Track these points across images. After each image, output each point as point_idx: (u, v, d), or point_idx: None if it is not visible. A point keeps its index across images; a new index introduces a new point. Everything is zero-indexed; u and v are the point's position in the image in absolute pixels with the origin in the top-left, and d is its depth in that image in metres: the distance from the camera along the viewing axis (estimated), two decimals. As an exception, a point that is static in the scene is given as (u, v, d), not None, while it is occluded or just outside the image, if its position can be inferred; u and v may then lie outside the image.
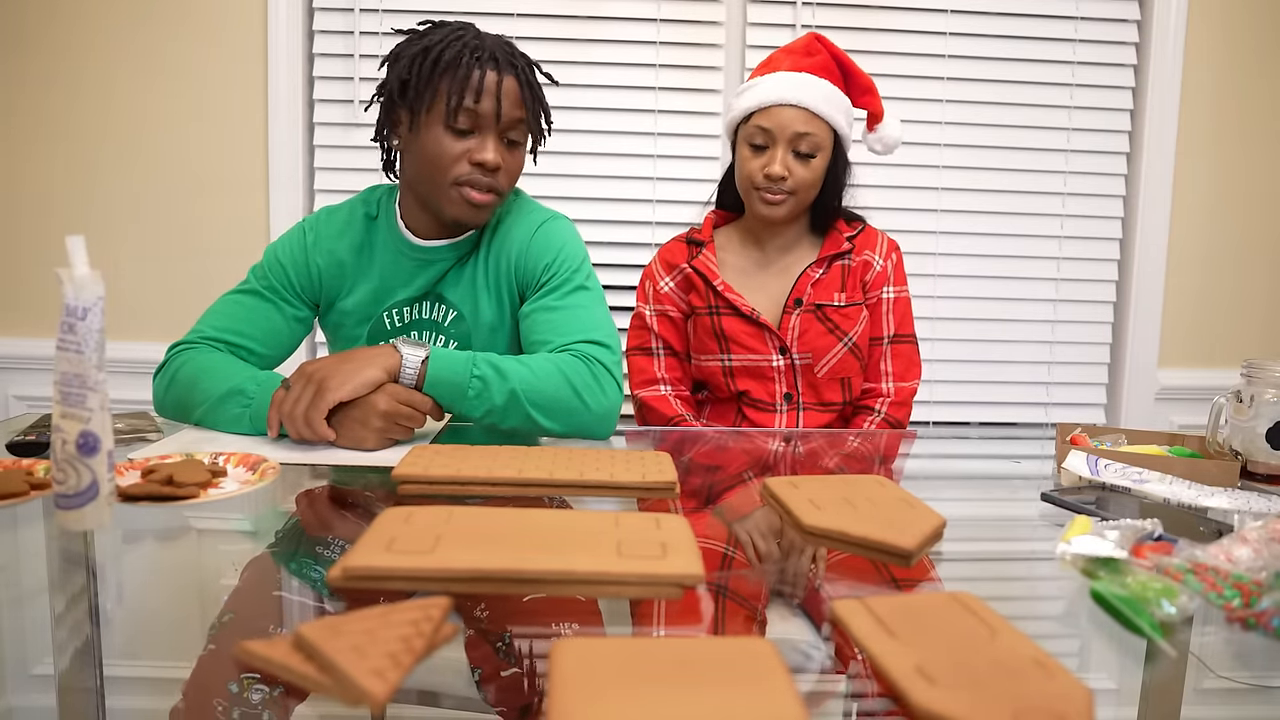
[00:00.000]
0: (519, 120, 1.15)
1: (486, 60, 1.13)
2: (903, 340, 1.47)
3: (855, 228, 1.47)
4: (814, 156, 1.36)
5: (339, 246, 1.24)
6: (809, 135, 1.34)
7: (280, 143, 1.99)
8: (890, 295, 1.46)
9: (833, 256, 1.44)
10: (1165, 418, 2.17)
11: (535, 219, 1.26)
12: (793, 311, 1.42)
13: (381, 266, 1.24)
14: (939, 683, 0.49)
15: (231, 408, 1.06)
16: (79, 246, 0.68)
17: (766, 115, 1.35)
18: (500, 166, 1.15)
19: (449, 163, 1.14)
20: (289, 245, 1.26)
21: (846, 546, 0.76)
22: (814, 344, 1.42)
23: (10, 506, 0.79)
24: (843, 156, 1.41)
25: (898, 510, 0.80)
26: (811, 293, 1.42)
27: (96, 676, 0.63)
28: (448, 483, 0.86)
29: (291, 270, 1.24)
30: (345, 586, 0.63)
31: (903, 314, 1.47)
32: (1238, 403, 1.01)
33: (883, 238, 1.48)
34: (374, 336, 1.26)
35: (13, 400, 2.01)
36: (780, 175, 1.34)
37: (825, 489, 0.86)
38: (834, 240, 1.45)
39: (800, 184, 1.36)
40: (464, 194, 1.15)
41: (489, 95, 1.12)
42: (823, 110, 1.35)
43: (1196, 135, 2.13)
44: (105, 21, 1.95)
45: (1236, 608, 0.64)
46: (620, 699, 0.46)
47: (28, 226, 2.00)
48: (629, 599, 0.82)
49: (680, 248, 1.50)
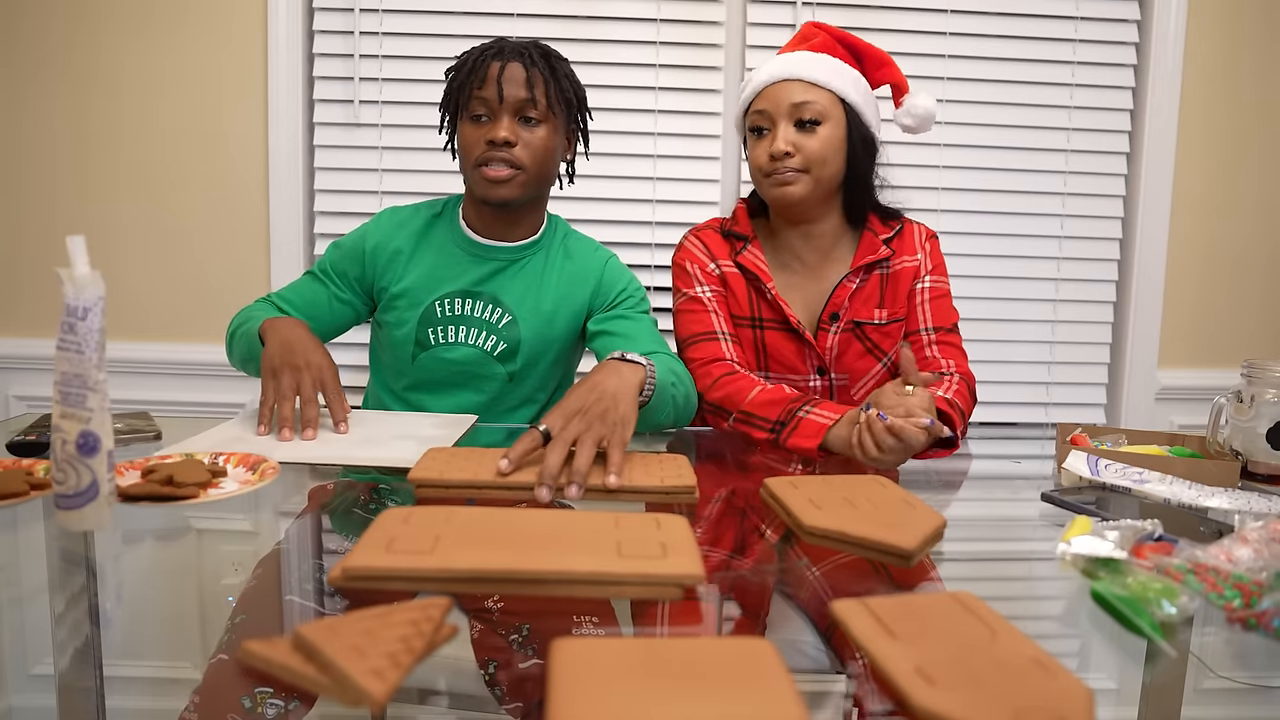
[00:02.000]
0: (525, 100, 1.22)
1: (495, 54, 1.24)
2: (946, 332, 1.32)
3: (892, 227, 1.33)
4: (819, 124, 1.23)
5: (398, 235, 1.33)
6: (808, 103, 1.23)
7: (280, 143, 1.99)
8: (926, 285, 1.32)
9: (870, 265, 1.31)
10: (1165, 418, 2.17)
11: (603, 251, 1.39)
12: (829, 328, 1.31)
13: (435, 255, 1.31)
14: (939, 683, 0.49)
15: (249, 333, 1.20)
16: (79, 246, 0.68)
17: (763, 97, 1.26)
18: (514, 141, 1.22)
19: (470, 147, 1.24)
20: (350, 235, 1.35)
21: (847, 546, 0.76)
22: (852, 365, 1.32)
23: (10, 506, 0.79)
24: (861, 132, 1.27)
25: (898, 510, 0.80)
26: (849, 307, 1.30)
27: (96, 676, 0.63)
28: (465, 486, 0.85)
29: (348, 260, 1.33)
30: (345, 586, 0.63)
31: (941, 307, 1.33)
32: (1238, 403, 1.01)
33: (919, 231, 1.35)
34: (425, 323, 1.30)
35: (13, 400, 2.01)
36: (784, 150, 1.22)
37: (826, 489, 0.86)
38: (869, 244, 1.32)
39: (810, 157, 1.23)
40: (482, 173, 1.23)
41: (492, 81, 1.21)
42: (821, 78, 1.24)
43: (1196, 135, 2.13)
44: (106, 22, 1.95)
45: (1237, 608, 0.64)
46: (620, 699, 0.46)
47: (28, 226, 2.00)
48: (630, 599, 0.82)
49: (717, 240, 1.35)
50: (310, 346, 1.12)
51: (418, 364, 1.30)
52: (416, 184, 2.02)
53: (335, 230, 1.99)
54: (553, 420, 0.90)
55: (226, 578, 0.76)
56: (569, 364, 1.40)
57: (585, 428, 0.89)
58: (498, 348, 1.30)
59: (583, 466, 0.85)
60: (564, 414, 0.91)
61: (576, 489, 0.84)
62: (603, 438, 0.89)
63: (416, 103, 1.99)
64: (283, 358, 1.09)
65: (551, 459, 0.85)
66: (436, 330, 1.30)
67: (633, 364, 1.02)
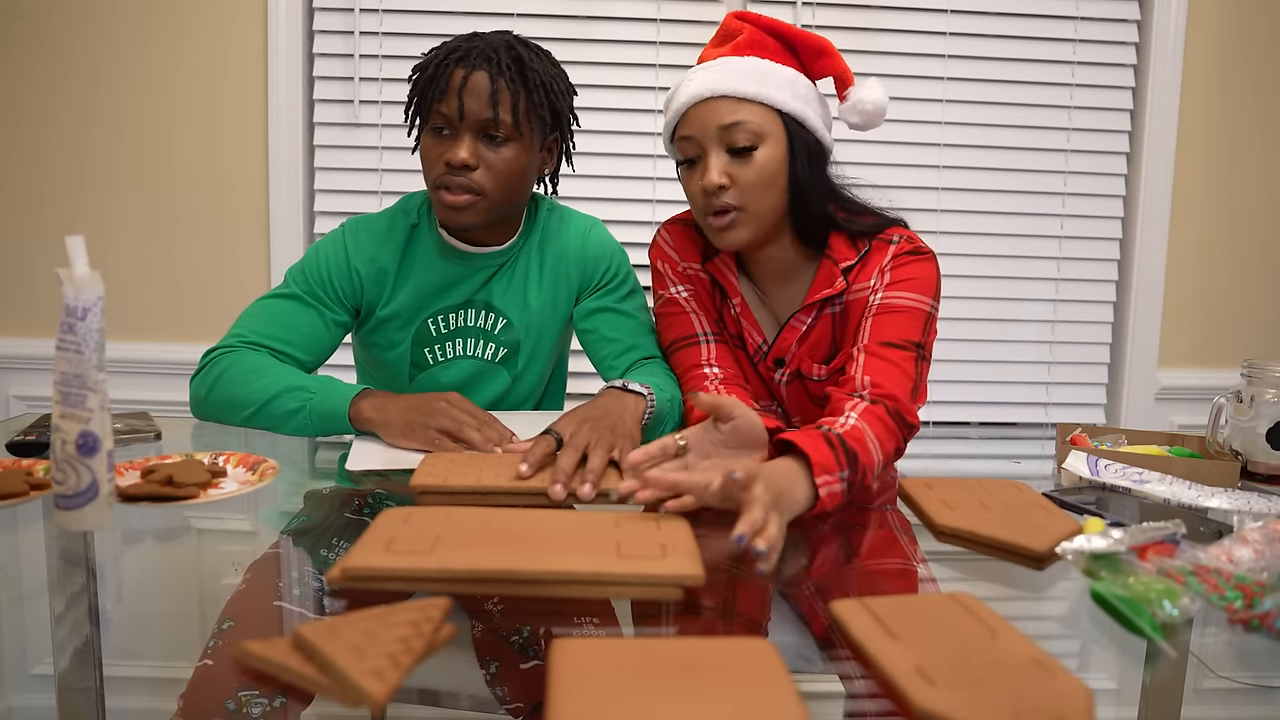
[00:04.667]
0: (487, 118, 1.10)
1: (458, 60, 1.12)
2: (886, 345, 1.03)
3: (860, 248, 1.10)
4: (755, 148, 1.03)
5: (381, 254, 1.22)
6: (740, 124, 1.02)
7: (280, 143, 1.99)
8: (876, 300, 1.07)
9: (824, 301, 1.11)
10: (1165, 418, 2.17)
11: (582, 222, 1.31)
12: (775, 372, 1.17)
13: (423, 272, 1.23)
14: (939, 683, 0.49)
15: (288, 402, 1.07)
16: (79, 246, 0.68)
17: (686, 121, 1.06)
18: (472, 165, 1.11)
19: (429, 165, 1.15)
20: (329, 250, 1.22)
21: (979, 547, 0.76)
22: (803, 410, 1.18)
23: (10, 506, 0.79)
24: (806, 141, 1.06)
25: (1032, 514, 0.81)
26: (796, 352, 1.14)
27: (96, 676, 0.63)
28: (468, 492, 0.85)
29: (334, 275, 1.21)
30: (345, 587, 0.63)
31: (893, 322, 1.05)
32: (1238, 403, 1.01)
33: (892, 250, 1.08)
34: (418, 343, 1.24)
35: (13, 400, 2.01)
36: (717, 183, 1.03)
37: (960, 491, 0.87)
38: (826, 274, 1.10)
39: (748, 190, 1.03)
40: (440, 196, 1.14)
41: (453, 94, 1.10)
42: (751, 91, 1.03)
43: (1196, 135, 2.12)
44: (105, 22, 1.95)
45: (1239, 609, 0.64)
46: (620, 699, 0.46)
47: (28, 226, 1.99)
48: (630, 599, 0.82)
49: (686, 238, 1.19)
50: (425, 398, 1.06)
51: (416, 384, 1.27)
52: (416, 184, 1.99)
53: (335, 230, 1.99)
54: (564, 426, 0.93)
55: (226, 578, 0.76)
56: (563, 348, 1.38)
57: (596, 435, 0.92)
58: (498, 354, 1.27)
59: (597, 467, 0.87)
60: (575, 421, 0.94)
61: (590, 488, 0.85)
62: (613, 446, 0.91)
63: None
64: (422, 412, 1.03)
65: (565, 460, 0.87)
66: (433, 349, 1.26)
67: (635, 394, 1.04)
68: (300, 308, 1.19)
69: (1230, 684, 0.64)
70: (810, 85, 1.10)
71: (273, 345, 1.16)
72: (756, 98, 1.04)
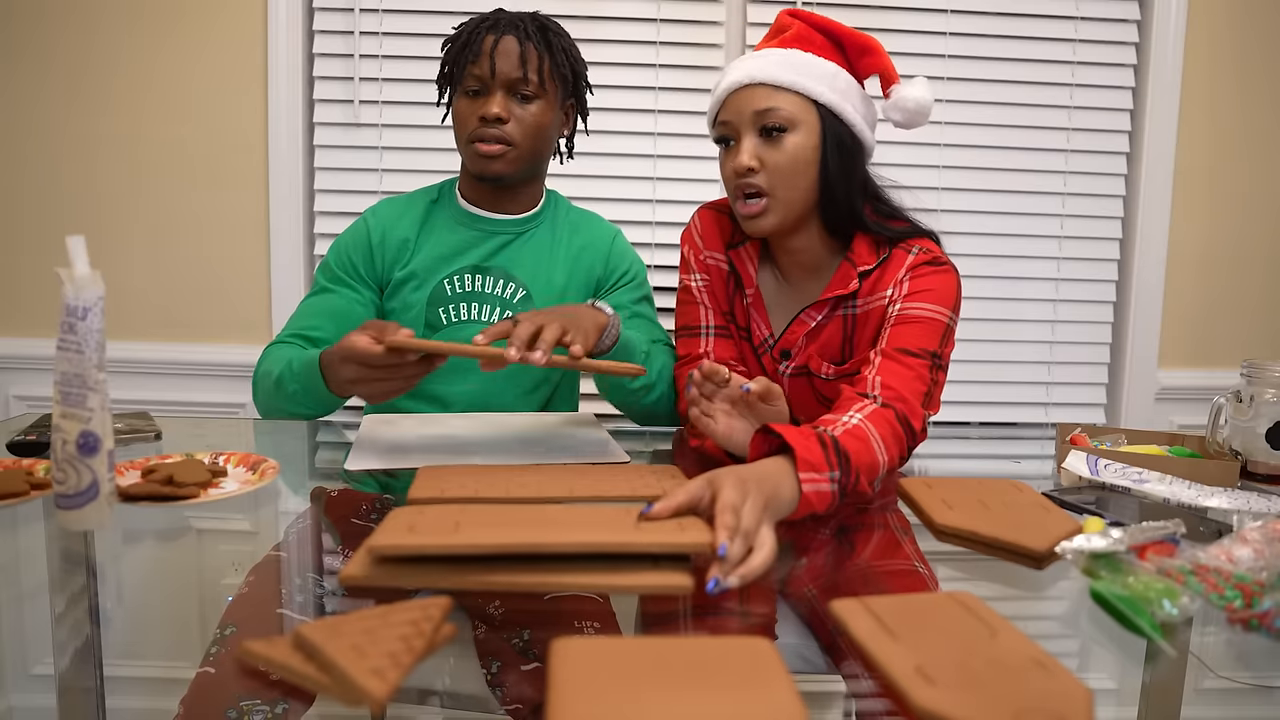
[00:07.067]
0: (518, 76, 1.22)
1: (489, 28, 1.23)
2: (902, 353, 1.04)
3: (880, 253, 1.11)
4: (785, 131, 1.06)
5: (400, 225, 1.31)
6: (773, 109, 1.06)
7: (280, 143, 1.99)
8: (895, 310, 1.08)
9: (837, 301, 1.13)
10: (1165, 418, 2.17)
11: (608, 226, 1.42)
12: (779, 365, 1.17)
13: (440, 235, 1.31)
14: (939, 683, 0.49)
15: (289, 385, 1.12)
16: (79, 246, 0.68)
17: (726, 106, 1.11)
18: (505, 118, 1.22)
19: (463, 122, 1.25)
20: (351, 233, 1.33)
21: (978, 546, 0.76)
22: (804, 410, 1.14)
23: (10, 506, 0.79)
24: (840, 134, 1.08)
25: (1032, 513, 0.81)
26: (804, 346, 1.15)
27: (96, 676, 0.63)
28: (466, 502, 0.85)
29: (355, 253, 1.30)
30: (359, 585, 0.62)
31: (912, 331, 1.05)
32: (1238, 403, 1.01)
33: (911, 260, 1.09)
34: (434, 303, 1.29)
35: (13, 400, 2.01)
36: (746, 165, 1.06)
37: (960, 490, 0.87)
38: (844, 274, 1.12)
39: (776, 173, 1.06)
40: (475, 148, 1.24)
41: (486, 55, 1.22)
42: (788, 80, 1.07)
43: (1196, 135, 2.12)
44: (105, 21, 1.95)
45: (1238, 608, 0.64)
46: (620, 699, 0.46)
47: (28, 226, 1.99)
48: (638, 595, 0.82)
49: (716, 225, 1.22)
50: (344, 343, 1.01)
51: None
52: (416, 184, 2.00)
53: (335, 230, 1.99)
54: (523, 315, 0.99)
55: (227, 578, 0.76)
56: None
57: (551, 318, 0.98)
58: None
59: (549, 337, 0.94)
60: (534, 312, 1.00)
61: (541, 354, 0.92)
62: (566, 330, 0.97)
63: (416, 103, 1.99)
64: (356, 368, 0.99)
65: (521, 329, 0.94)
66: (447, 309, 1.28)
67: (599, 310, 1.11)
68: (326, 296, 1.29)
69: (1230, 684, 0.64)
70: (853, 81, 1.12)
71: (304, 334, 1.24)
72: (793, 86, 1.07)
